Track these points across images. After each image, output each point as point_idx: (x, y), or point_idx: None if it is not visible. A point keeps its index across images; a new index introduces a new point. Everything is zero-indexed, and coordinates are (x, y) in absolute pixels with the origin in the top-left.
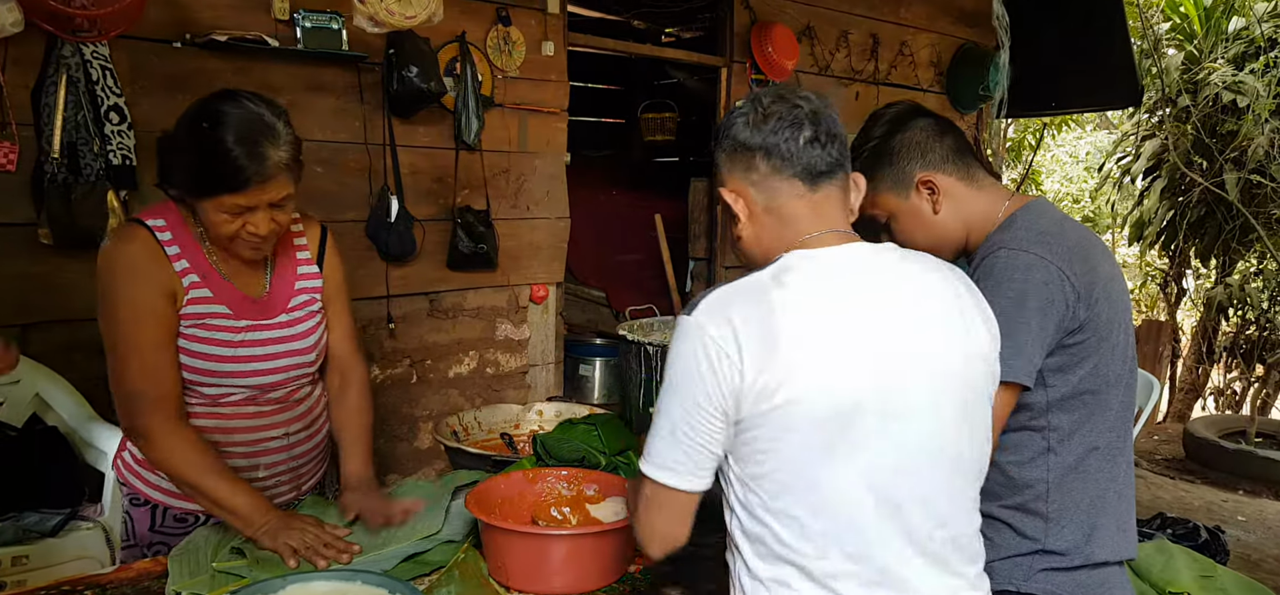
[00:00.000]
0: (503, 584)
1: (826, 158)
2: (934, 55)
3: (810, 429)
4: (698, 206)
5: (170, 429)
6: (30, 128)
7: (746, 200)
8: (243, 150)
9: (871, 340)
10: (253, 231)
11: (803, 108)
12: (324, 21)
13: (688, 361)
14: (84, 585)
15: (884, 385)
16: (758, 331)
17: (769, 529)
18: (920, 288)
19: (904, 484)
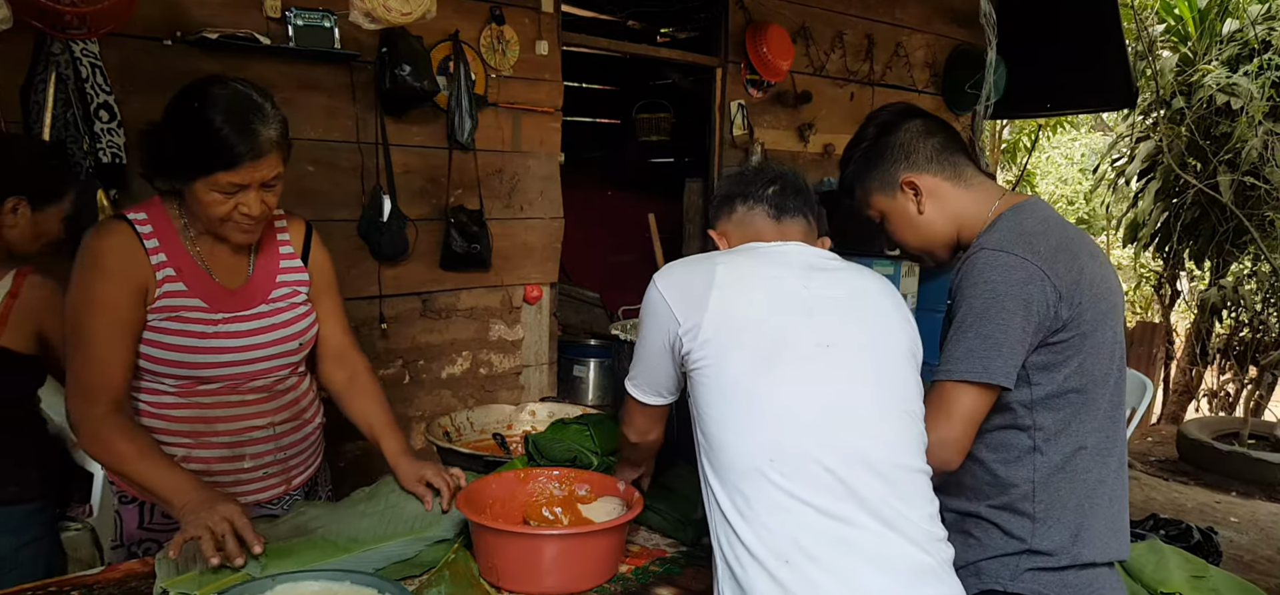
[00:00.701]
0: (494, 584)
1: (789, 203)
2: (929, 56)
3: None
4: (692, 207)
5: (102, 418)
6: (20, 126)
7: (727, 237)
8: (234, 127)
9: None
10: (245, 212)
11: (771, 171)
12: (316, 20)
13: (645, 310)
14: (71, 586)
15: (802, 330)
16: (699, 282)
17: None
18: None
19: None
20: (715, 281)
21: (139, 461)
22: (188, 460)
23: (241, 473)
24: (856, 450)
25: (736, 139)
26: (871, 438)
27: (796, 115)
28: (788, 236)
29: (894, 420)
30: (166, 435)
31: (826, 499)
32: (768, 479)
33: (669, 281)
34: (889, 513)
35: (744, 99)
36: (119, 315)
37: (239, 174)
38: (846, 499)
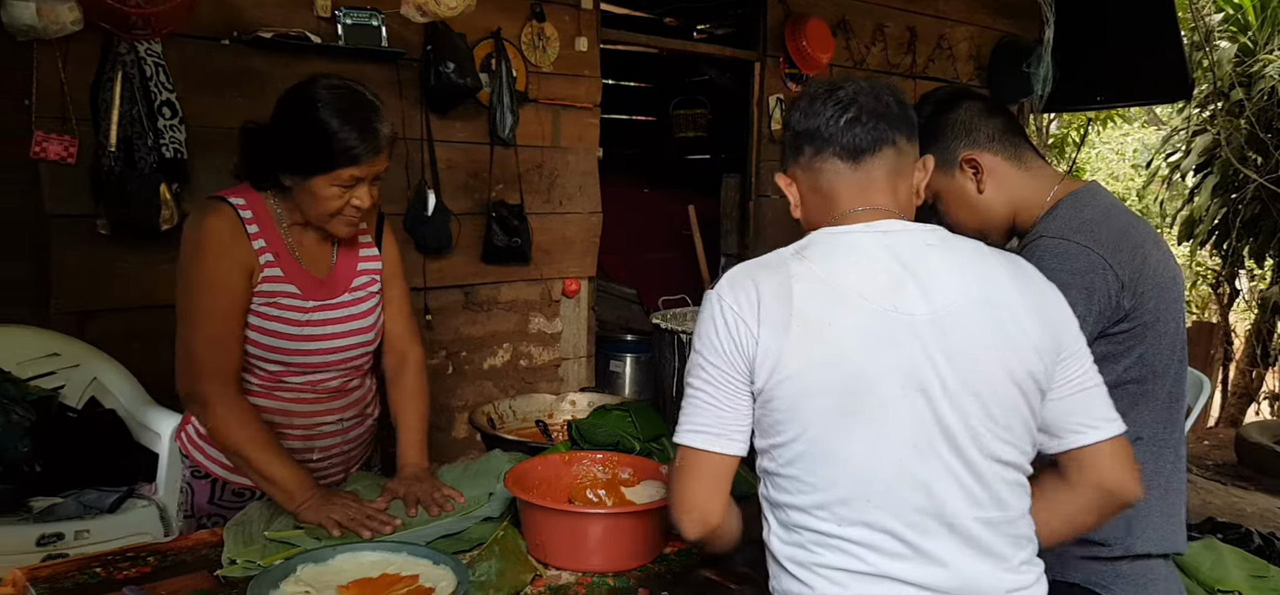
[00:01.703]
0: (541, 560)
1: (867, 136)
2: (973, 48)
3: (821, 398)
4: (730, 203)
5: (228, 398)
6: (89, 123)
7: (797, 185)
8: (357, 125)
9: (882, 318)
10: (356, 205)
11: (846, 90)
12: (364, 18)
13: (708, 329)
14: (147, 552)
15: (893, 364)
16: (774, 301)
17: (791, 498)
18: (943, 274)
19: (922, 459)
20: (794, 306)
21: (261, 450)
22: None
23: (310, 464)
24: (931, 509)
25: (775, 134)
26: (949, 493)
27: None
28: (871, 189)
29: (982, 466)
30: None
31: (893, 564)
32: (831, 538)
33: (739, 295)
34: (966, 574)
35: (782, 93)
36: (234, 295)
37: (362, 168)
38: (915, 559)
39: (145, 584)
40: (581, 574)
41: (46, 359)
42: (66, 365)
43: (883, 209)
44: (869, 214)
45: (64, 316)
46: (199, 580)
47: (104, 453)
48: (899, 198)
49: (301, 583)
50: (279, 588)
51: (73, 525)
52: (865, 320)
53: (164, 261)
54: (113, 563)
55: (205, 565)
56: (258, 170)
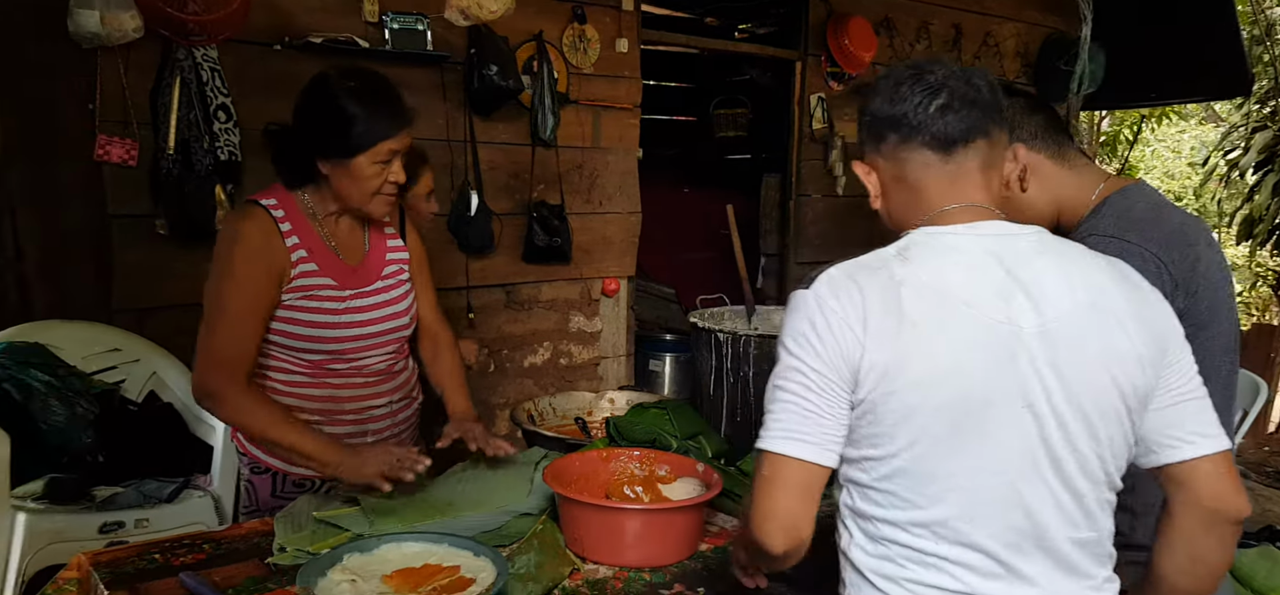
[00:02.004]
0: (579, 554)
1: (960, 124)
2: (1021, 45)
3: (930, 415)
4: (770, 203)
5: (239, 389)
6: (148, 127)
7: (878, 173)
8: (388, 100)
9: (992, 330)
10: (393, 179)
11: (935, 75)
12: (410, 23)
13: (806, 331)
14: (202, 539)
15: (1003, 379)
16: (881, 307)
17: (884, 513)
18: (1049, 280)
19: (1026, 480)
20: (904, 312)
21: (284, 426)
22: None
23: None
24: (1030, 530)
25: (816, 133)
26: (1049, 515)
27: None
28: (963, 182)
29: (1082, 486)
30: (301, 414)
31: (986, 583)
32: (926, 556)
33: (842, 297)
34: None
35: (824, 92)
36: (258, 295)
37: (397, 140)
38: (1008, 579)
39: (200, 571)
40: (618, 569)
41: (109, 354)
42: (127, 360)
43: (978, 205)
44: (966, 212)
45: (125, 313)
46: (251, 568)
47: (162, 445)
48: (991, 191)
49: (348, 571)
50: (326, 575)
51: (133, 514)
52: (977, 332)
53: None
54: (170, 550)
55: (257, 553)
56: (294, 168)
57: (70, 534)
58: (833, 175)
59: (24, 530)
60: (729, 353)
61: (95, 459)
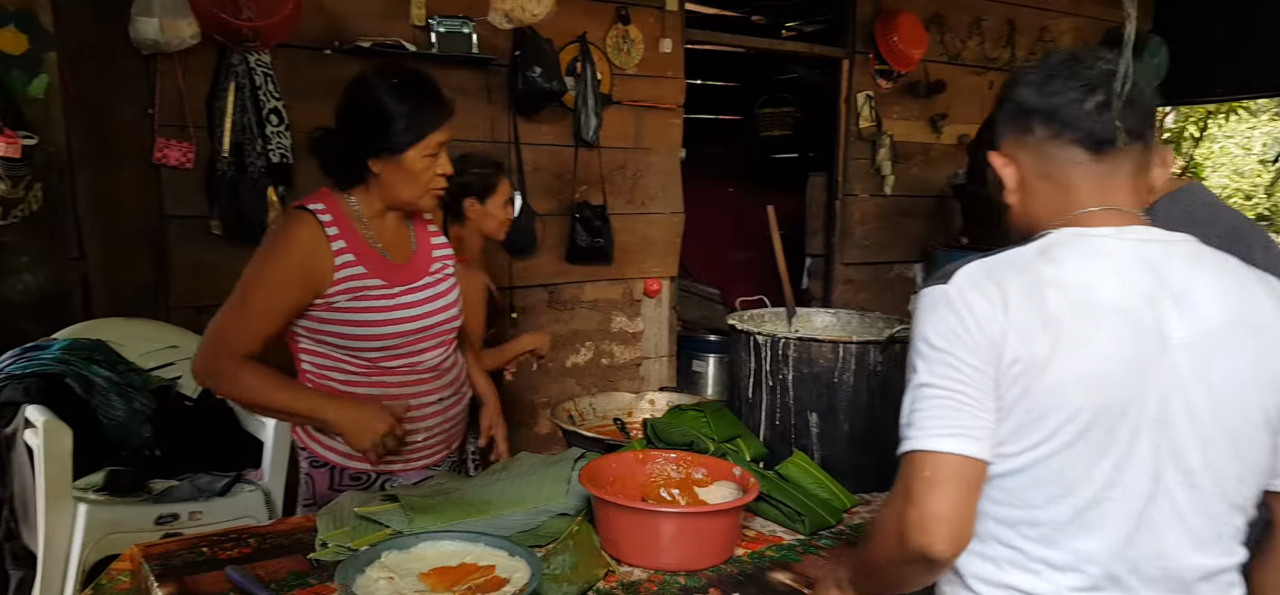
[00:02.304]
0: (614, 557)
1: (1117, 126)
2: (1078, 40)
3: (1064, 418)
4: (815, 202)
5: (237, 366)
6: (204, 130)
7: (1018, 166)
8: (431, 92)
9: (1139, 340)
10: (441, 171)
11: (1095, 68)
12: (456, 26)
13: (950, 325)
14: (249, 534)
15: (1145, 390)
16: (1026, 304)
17: (996, 509)
18: (1202, 291)
19: (1155, 497)
20: (1049, 312)
21: (279, 390)
22: None
23: (417, 445)
24: (1151, 550)
25: (863, 131)
26: (1177, 537)
27: (928, 106)
28: (1113, 185)
29: (1217, 509)
30: None
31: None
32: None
33: (984, 293)
34: None
35: (872, 90)
36: (283, 299)
37: (444, 131)
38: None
39: (246, 564)
40: (653, 572)
41: (166, 350)
42: (183, 357)
43: (1125, 210)
44: (1114, 216)
45: (181, 311)
46: (294, 562)
47: (215, 439)
48: (1139, 196)
49: (386, 568)
50: (365, 572)
51: (187, 506)
52: (1122, 340)
53: None
54: (217, 543)
55: (301, 548)
56: (344, 170)
57: (128, 525)
58: (881, 174)
59: (84, 521)
60: (768, 355)
61: (152, 452)
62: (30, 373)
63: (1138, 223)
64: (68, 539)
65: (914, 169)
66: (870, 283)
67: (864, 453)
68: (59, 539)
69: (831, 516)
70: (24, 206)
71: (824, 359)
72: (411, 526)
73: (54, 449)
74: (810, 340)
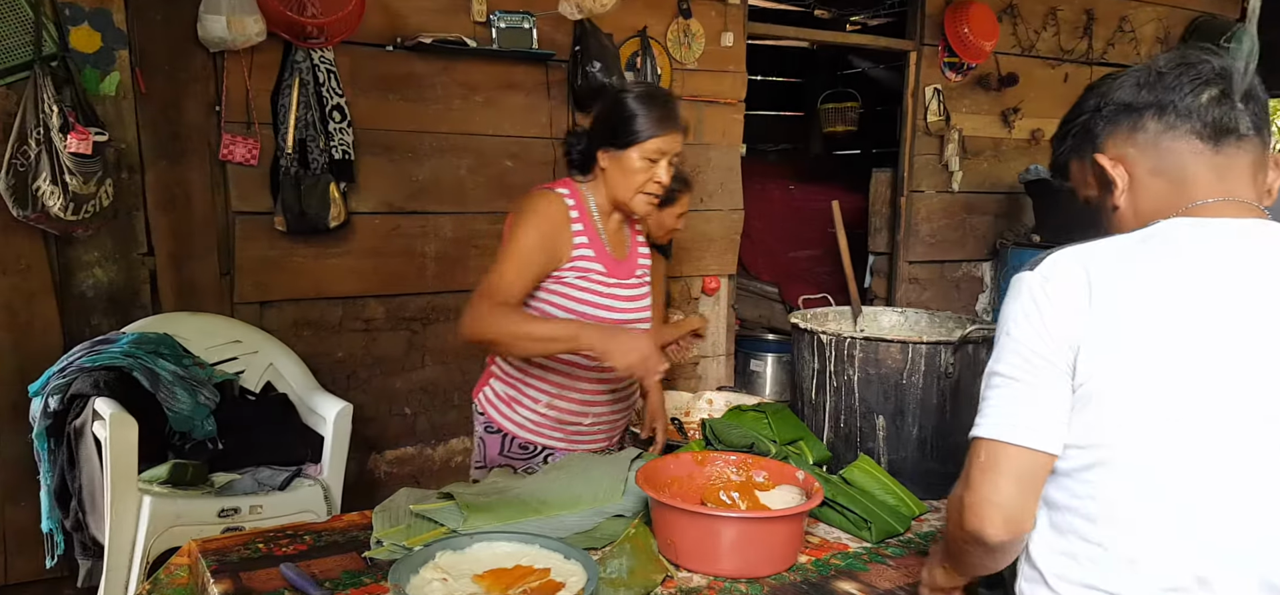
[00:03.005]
0: (672, 561)
1: (1235, 117)
2: (1161, 30)
3: (1152, 412)
4: (879, 199)
5: (495, 309)
6: (269, 127)
7: (1127, 166)
8: (661, 103)
9: (1240, 334)
10: (657, 180)
11: (1209, 64)
12: (516, 22)
13: (1027, 313)
14: (304, 531)
15: (1243, 387)
16: (1112, 283)
17: (1079, 503)
18: None
19: (1253, 496)
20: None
21: (536, 323)
22: (551, 408)
23: (582, 428)
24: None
25: (931, 126)
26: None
27: (1000, 99)
28: (1232, 178)
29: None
30: (537, 382)
31: None
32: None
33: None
34: None
35: (940, 83)
36: (531, 263)
37: (665, 139)
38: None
39: (300, 561)
40: (712, 578)
41: (230, 345)
42: (247, 352)
43: (1244, 201)
44: (1229, 207)
45: (245, 306)
46: (349, 561)
47: (277, 434)
48: (1258, 192)
49: (439, 568)
50: (419, 572)
51: (248, 500)
52: (1218, 334)
53: (333, 256)
54: (273, 539)
55: (355, 546)
56: (580, 158)
57: (190, 518)
58: (948, 170)
59: (149, 513)
60: (832, 355)
61: (216, 446)
62: (99, 366)
63: (1258, 216)
64: (133, 530)
65: (984, 164)
66: (936, 281)
67: (934, 458)
68: (124, 530)
69: (899, 524)
70: (95, 202)
71: (892, 360)
72: (467, 525)
73: (120, 441)
74: (878, 340)
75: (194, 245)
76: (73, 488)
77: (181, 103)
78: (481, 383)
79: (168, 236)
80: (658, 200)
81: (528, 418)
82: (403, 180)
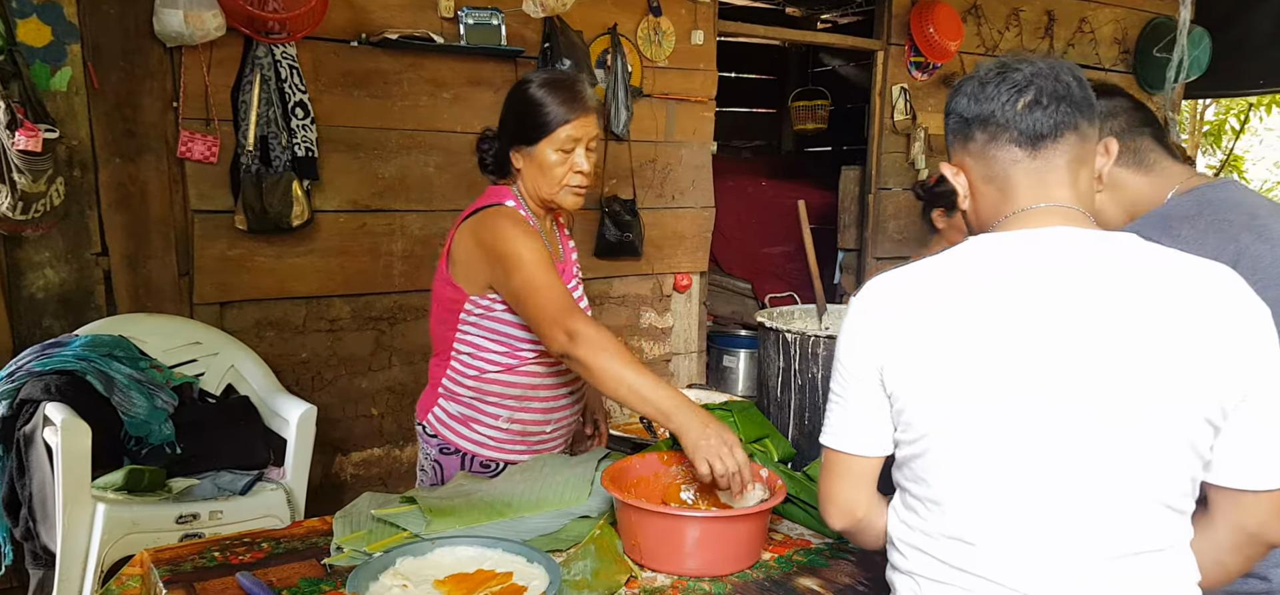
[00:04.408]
0: (637, 561)
1: (1048, 120)
2: (1119, 31)
3: (943, 412)
4: (848, 196)
5: (595, 325)
6: (229, 124)
7: (966, 174)
8: (565, 86)
9: (1025, 331)
10: (578, 168)
11: (1022, 71)
12: (485, 18)
13: (847, 332)
14: (262, 538)
15: (1019, 383)
16: (915, 302)
17: (910, 486)
18: (1116, 293)
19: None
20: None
21: (646, 376)
22: (512, 422)
23: (545, 435)
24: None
25: (898, 125)
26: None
27: None
28: (1051, 179)
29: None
30: (495, 397)
31: None
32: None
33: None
34: None
35: (907, 83)
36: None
37: (576, 125)
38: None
39: (258, 570)
40: (677, 577)
41: (189, 347)
42: (207, 353)
43: (1064, 206)
44: (1047, 215)
45: (205, 307)
46: (307, 567)
47: (238, 437)
48: (1080, 188)
49: (400, 575)
50: (378, 579)
51: (208, 506)
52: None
53: (296, 255)
54: (230, 548)
55: (315, 553)
56: (494, 160)
57: (147, 525)
58: (915, 168)
59: (103, 521)
60: (797, 353)
61: (173, 451)
62: (50, 370)
63: (1071, 221)
64: (87, 538)
65: None
66: None
67: None
68: (77, 538)
69: None
70: (45, 201)
71: None
72: (429, 530)
73: (73, 447)
74: None
75: (151, 245)
76: (22, 496)
77: (137, 99)
78: (427, 401)
79: (123, 236)
80: (585, 191)
81: (488, 435)
82: (369, 178)
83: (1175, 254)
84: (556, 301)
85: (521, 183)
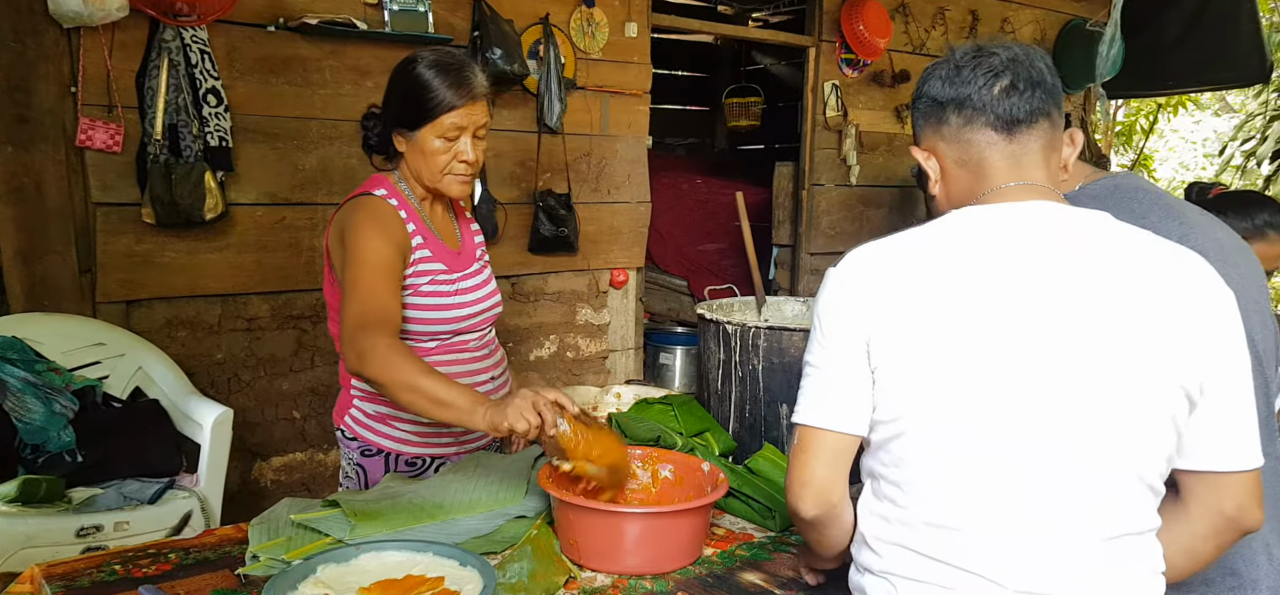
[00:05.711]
0: (576, 561)
1: (1025, 105)
2: (1038, 32)
3: (929, 386)
4: (782, 192)
5: (388, 346)
6: (134, 111)
7: (938, 158)
8: (453, 71)
9: (1018, 306)
10: (463, 157)
11: (999, 56)
12: (411, 4)
13: (828, 303)
14: (169, 548)
15: (1011, 356)
16: (901, 273)
17: (883, 472)
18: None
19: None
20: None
21: (428, 377)
22: None
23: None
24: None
25: (830, 121)
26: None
27: (893, 95)
28: (1026, 162)
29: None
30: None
31: None
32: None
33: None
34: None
35: (838, 79)
36: (395, 274)
37: (461, 113)
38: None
39: (164, 582)
40: (618, 576)
41: (92, 348)
42: (112, 355)
43: (1036, 184)
44: (1022, 191)
45: (110, 306)
46: (220, 578)
47: (147, 443)
48: (1050, 172)
49: (321, 583)
50: (298, 588)
51: (112, 516)
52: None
53: (210, 250)
54: (133, 560)
55: (228, 562)
56: (378, 140)
57: (44, 539)
58: (846, 164)
59: None
60: (738, 345)
61: (74, 459)
62: None
63: (1048, 198)
64: None
65: (879, 158)
66: None
67: None
68: None
69: None
70: None
71: (796, 349)
72: (353, 534)
73: None
74: (781, 329)
75: (48, 240)
76: None
77: (30, 83)
78: (343, 405)
79: (15, 231)
80: (471, 178)
81: (410, 431)
82: (288, 169)
83: (1148, 234)
84: (360, 314)
85: (405, 166)
